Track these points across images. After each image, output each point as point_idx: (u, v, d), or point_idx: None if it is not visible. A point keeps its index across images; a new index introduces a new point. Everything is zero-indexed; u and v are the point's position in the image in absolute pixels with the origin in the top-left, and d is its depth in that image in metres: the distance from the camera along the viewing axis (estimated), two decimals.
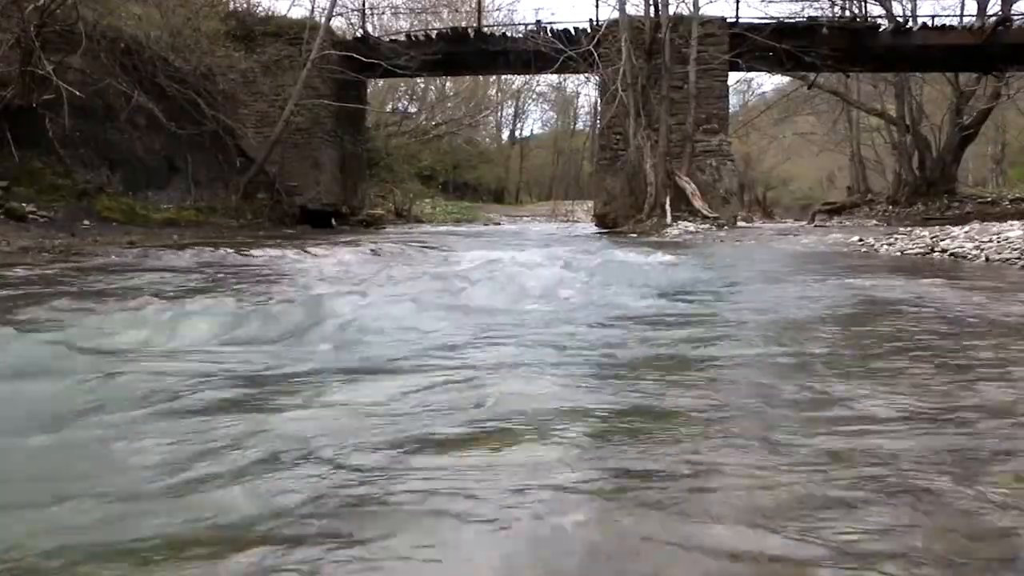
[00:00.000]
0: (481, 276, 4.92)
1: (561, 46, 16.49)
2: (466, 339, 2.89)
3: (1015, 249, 7.05)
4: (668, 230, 14.45)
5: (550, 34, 17.54)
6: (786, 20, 17.64)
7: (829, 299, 4.29)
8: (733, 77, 19.40)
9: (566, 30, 17.74)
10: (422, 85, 33.93)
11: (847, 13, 19.20)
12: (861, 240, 10.07)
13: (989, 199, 22.28)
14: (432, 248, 9.11)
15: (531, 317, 3.54)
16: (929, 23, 18.07)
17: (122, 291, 4.43)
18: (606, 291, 4.58)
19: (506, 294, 4.22)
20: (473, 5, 23.61)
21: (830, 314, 3.76)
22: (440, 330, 3.04)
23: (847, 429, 1.72)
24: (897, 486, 1.36)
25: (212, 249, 7.85)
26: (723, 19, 16.98)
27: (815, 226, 19.12)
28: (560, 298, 4.21)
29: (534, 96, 45.12)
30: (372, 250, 8.41)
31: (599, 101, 19.67)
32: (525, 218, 30.63)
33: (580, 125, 45.74)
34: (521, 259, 6.31)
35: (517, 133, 49.50)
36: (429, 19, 24.43)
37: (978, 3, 19.39)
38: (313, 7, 19.16)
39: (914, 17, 19.09)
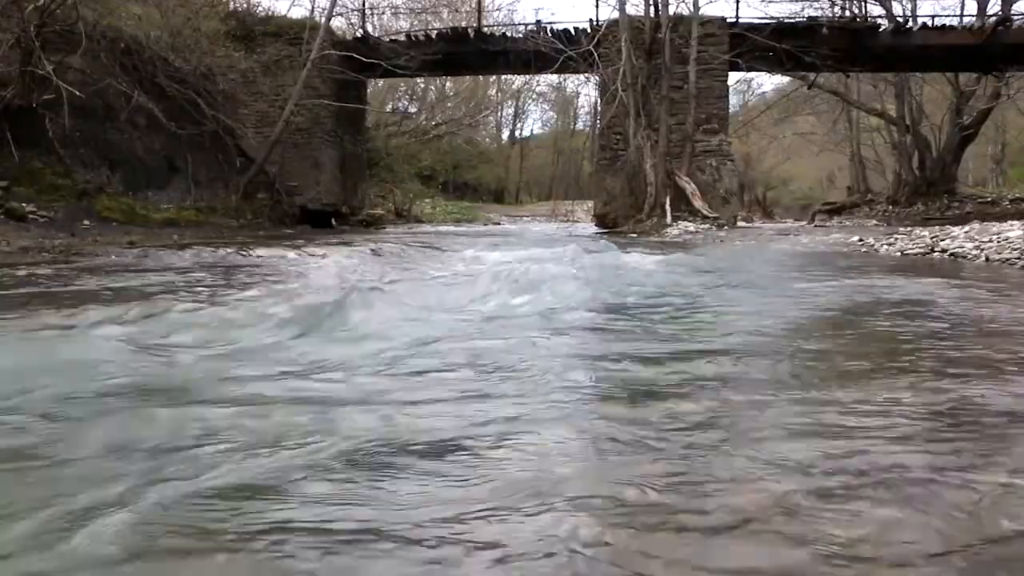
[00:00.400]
0: (469, 279, 4.90)
1: (561, 46, 16.47)
2: (448, 345, 2.87)
3: (1015, 249, 7.05)
4: (668, 230, 14.44)
5: (550, 34, 17.52)
6: (786, 20, 17.63)
7: (828, 299, 4.29)
8: (733, 77, 19.42)
9: (566, 30, 17.73)
10: (422, 85, 33.90)
11: (847, 13, 19.19)
12: (861, 240, 10.06)
13: (989, 199, 22.26)
14: (430, 248, 9.11)
15: (518, 321, 3.54)
16: (929, 23, 18.06)
17: (118, 292, 4.43)
18: (602, 293, 4.57)
19: (496, 298, 4.21)
20: (473, 5, 23.61)
21: (829, 314, 3.76)
22: (404, 338, 2.95)
23: (845, 429, 1.72)
24: (896, 485, 1.36)
25: (212, 249, 7.84)
26: (723, 19, 16.97)
27: (815, 226, 19.11)
28: (550, 301, 4.19)
29: (534, 96, 45.13)
30: (372, 250, 8.41)
31: (599, 101, 19.67)
32: (525, 218, 30.62)
33: (580, 125, 45.75)
34: (516, 260, 6.30)
35: (517, 133, 49.52)
36: (429, 19, 24.42)
37: (978, 3, 19.38)
38: (313, 7, 19.17)
39: (914, 17, 19.09)
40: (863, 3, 19.47)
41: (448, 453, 1.57)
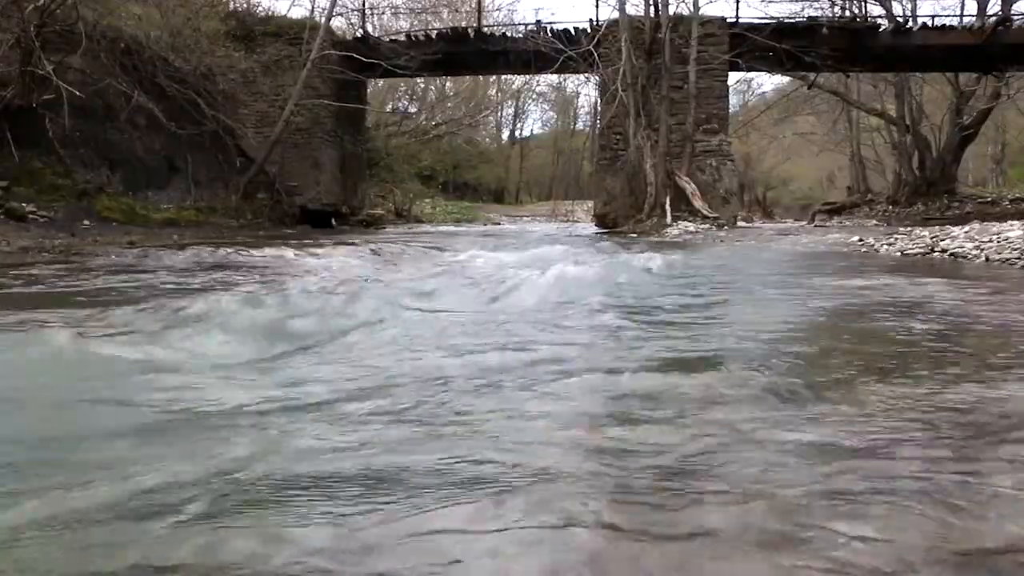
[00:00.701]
0: (467, 281, 4.89)
1: (561, 46, 16.48)
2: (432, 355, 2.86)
3: (1015, 249, 7.05)
4: (668, 230, 14.44)
5: (550, 34, 17.53)
6: (786, 20, 17.64)
7: (830, 301, 4.29)
8: (733, 77, 19.43)
9: (566, 30, 17.74)
10: (422, 85, 33.91)
11: (847, 13, 19.19)
12: (861, 240, 10.06)
13: (989, 199, 22.27)
14: (431, 249, 9.11)
15: (513, 325, 3.54)
16: (929, 23, 18.07)
17: (117, 292, 4.43)
18: (601, 295, 4.57)
19: (494, 300, 4.21)
20: (473, 5, 23.63)
21: (830, 316, 3.76)
22: (403, 342, 2.93)
23: (843, 429, 1.72)
24: (896, 486, 1.36)
25: (212, 249, 7.85)
26: (723, 19, 16.98)
27: (815, 226, 19.11)
28: (547, 304, 4.19)
29: (534, 96, 45.16)
30: (372, 250, 8.42)
31: (599, 101, 19.69)
32: (525, 218, 30.62)
33: (580, 125, 45.79)
34: (514, 262, 6.29)
35: (517, 133, 49.54)
36: (429, 19, 24.44)
37: (978, 3, 19.39)
38: (313, 7, 19.19)
39: (914, 17, 19.10)
40: (863, 3, 19.50)
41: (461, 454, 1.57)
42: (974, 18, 18.43)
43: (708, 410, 1.90)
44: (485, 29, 19.49)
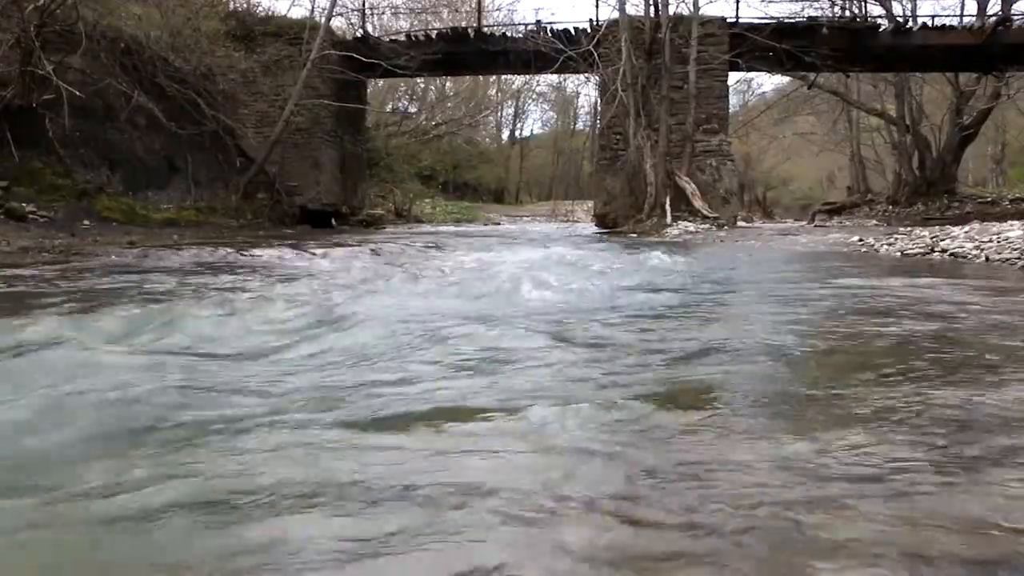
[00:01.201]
0: (456, 284, 4.89)
1: (561, 46, 16.48)
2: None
3: (1015, 249, 7.05)
4: (668, 230, 14.44)
5: (550, 34, 17.52)
6: (786, 20, 17.63)
7: (831, 301, 4.29)
8: (733, 77, 19.42)
9: (566, 30, 17.73)
10: (422, 85, 33.90)
11: (847, 13, 19.19)
12: (861, 240, 10.06)
13: (989, 199, 22.26)
14: (429, 249, 9.10)
15: (509, 328, 3.54)
16: (929, 23, 18.06)
17: (115, 293, 4.43)
18: (594, 295, 4.57)
19: (491, 303, 4.20)
20: (473, 5, 23.62)
21: (831, 316, 3.76)
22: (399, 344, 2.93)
23: (843, 430, 1.71)
24: (896, 490, 1.36)
25: (211, 250, 7.84)
26: (723, 19, 16.97)
27: (815, 226, 19.10)
28: (543, 307, 4.19)
29: (534, 96, 45.14)
30: (372, 250, 8.41)
31: (599, 101, 19.69)
32: (525, 218, 30.61)
33: (580, 125, 45.78)
34: (512, 261, 6.29)
35: (517, 133, 49.52)
36: (429, 19, 24.42)
37: (978, 3, 19.38)
38: (313, 7, 19.16)
39: (914, 17, 19.09)
40: (863, 3, 19.49)
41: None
42: (974, 18, 18.42)
43: (706, 416, 1.90)
44: (485, 29, 19.47)
